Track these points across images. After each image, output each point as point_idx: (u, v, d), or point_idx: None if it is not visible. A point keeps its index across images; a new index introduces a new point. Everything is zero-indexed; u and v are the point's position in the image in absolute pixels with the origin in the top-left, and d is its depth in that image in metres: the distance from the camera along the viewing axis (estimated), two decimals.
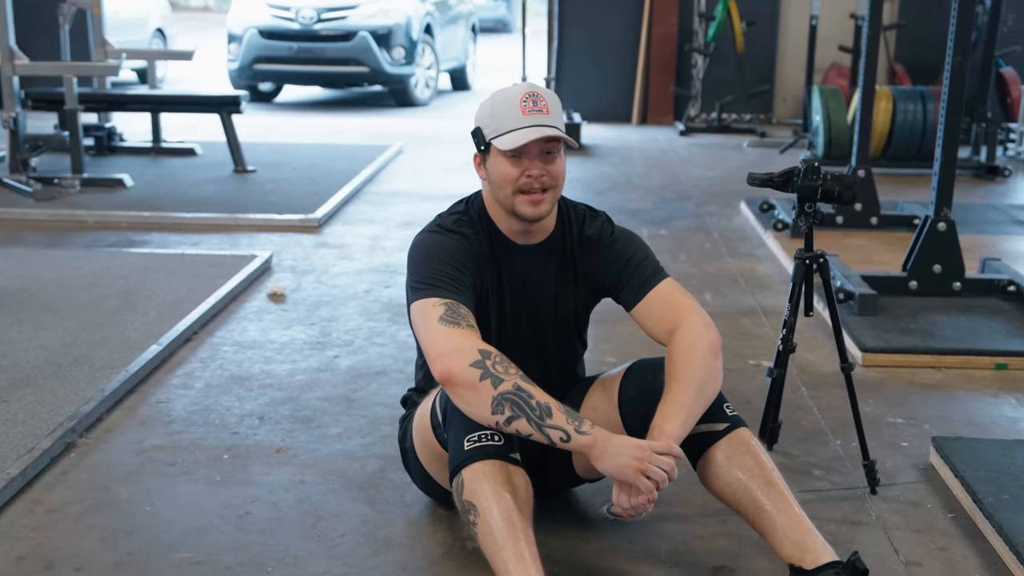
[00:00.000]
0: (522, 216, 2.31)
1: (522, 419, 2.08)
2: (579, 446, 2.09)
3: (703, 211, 6.42)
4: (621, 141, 9.31)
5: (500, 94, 2.30)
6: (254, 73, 11.35)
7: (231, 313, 4.27)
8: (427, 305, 2.21)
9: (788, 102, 10.46)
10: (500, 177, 2.29)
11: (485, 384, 2.09)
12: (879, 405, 3.44)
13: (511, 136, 2.24)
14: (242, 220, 5.80)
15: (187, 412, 3.29)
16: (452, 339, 2.14)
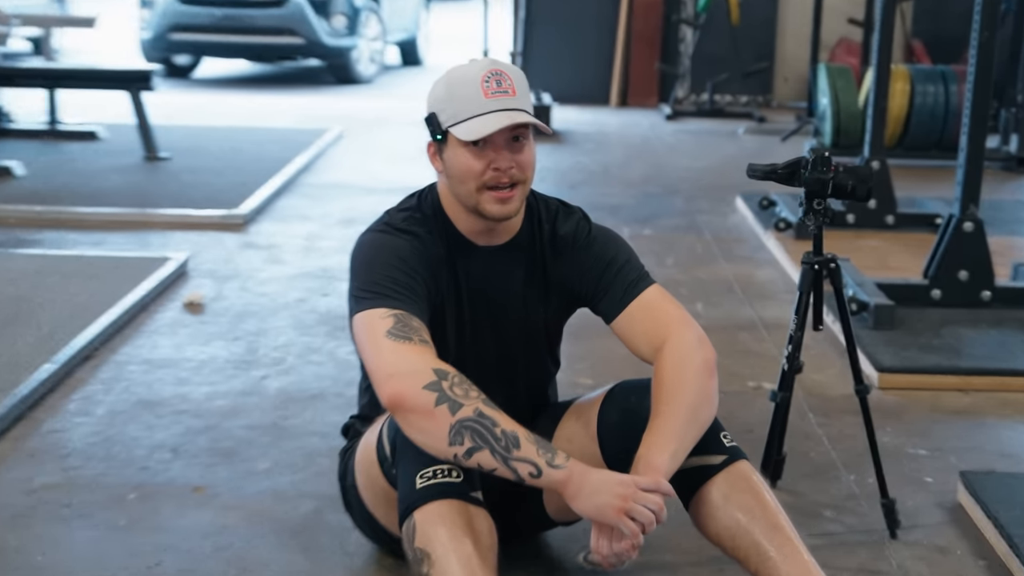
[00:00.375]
0: (488, 215, 2.28)
1: (484, 451, 2.05)
2: (552, 482, 2.07)
3: (693, 208, 6.43)
4: (598, 126, 9.33)
5: (457, 73, 2.27)
6: (169, 44, 11.26)
7: (139, 326, 4.21)
8: (373, 317, 2.17)
9: (790, 82, 10.52)
10: (461, 171, 2.26)
11: (441, 410, 2.05)
12: (898, 434, 3.44)
13: (473, 124, 2.22)
14: (153, 216, 5.73)
15: (86, 444, 3.23)
16: (403, 357, 2.11)
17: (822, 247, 2.77)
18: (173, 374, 3.76)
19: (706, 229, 5.93)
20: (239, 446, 3.24)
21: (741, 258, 5.40)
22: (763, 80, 10.40)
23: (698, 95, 10.34)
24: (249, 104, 10.04)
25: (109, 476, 3.03)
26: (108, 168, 6.85)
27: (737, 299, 4.74)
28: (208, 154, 7.35)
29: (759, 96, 10.42)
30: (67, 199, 5.98)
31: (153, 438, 3.28)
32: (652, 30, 10.27)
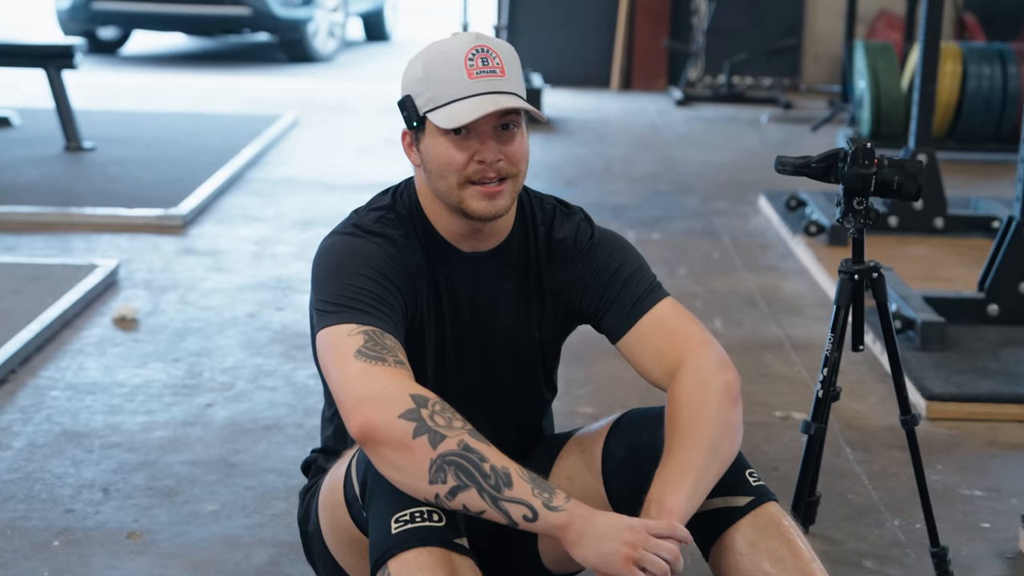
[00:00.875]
0: (472, 214, 2.29)
1: (471, 490, 2.06)
2: (549, 527, 2.08)
3: (709, 208, 6.47)
4: (597, 112, 9.38)
5: (437, 49, 2.28)
6: (92, 14, 11.29)
7: (62, 344, 4.23)
8: (340, 334, 2.19)
9: (821, 62, 10.60)
10: (441, 163, 2.27)
11: (420, 442, 2.07)
12: (950, 472, 3.48)
13: (454, 108, 2.23)
14: (76, 217, 5.75)
15: (2, 482, 3.24)
16: (375, 381, 2.12)
17: (863, 254, 2.81)
18: (103, 401, 3.78)
19: (724, 233, 5.98)
20: (181, 485, 3.26)
21: (765, 267, 5.44)
22: (790, 60, 10.47)
23: (714, 77, 10.40)
24: (188, 86, 10.07)
25: (30, 519, 3.04)
26: (22, 160, 6.87)
27: (761, 315, 4.78)
28: (140, 144, 7.37)
29: (785, 78, 10.48)
30: None
31: (80, 475, 3.29)
32: (660, 1, 10.32)
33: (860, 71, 7.80)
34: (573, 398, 3.90)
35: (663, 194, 6.79)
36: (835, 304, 2.80)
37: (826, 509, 3.20)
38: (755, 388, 4.03)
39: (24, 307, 4.36)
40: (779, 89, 10.25)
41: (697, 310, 4.81)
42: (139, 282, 4.94)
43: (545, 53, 10.31)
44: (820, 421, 2.81)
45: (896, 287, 4.57)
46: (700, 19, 10.31)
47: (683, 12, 10.43)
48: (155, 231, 5.67)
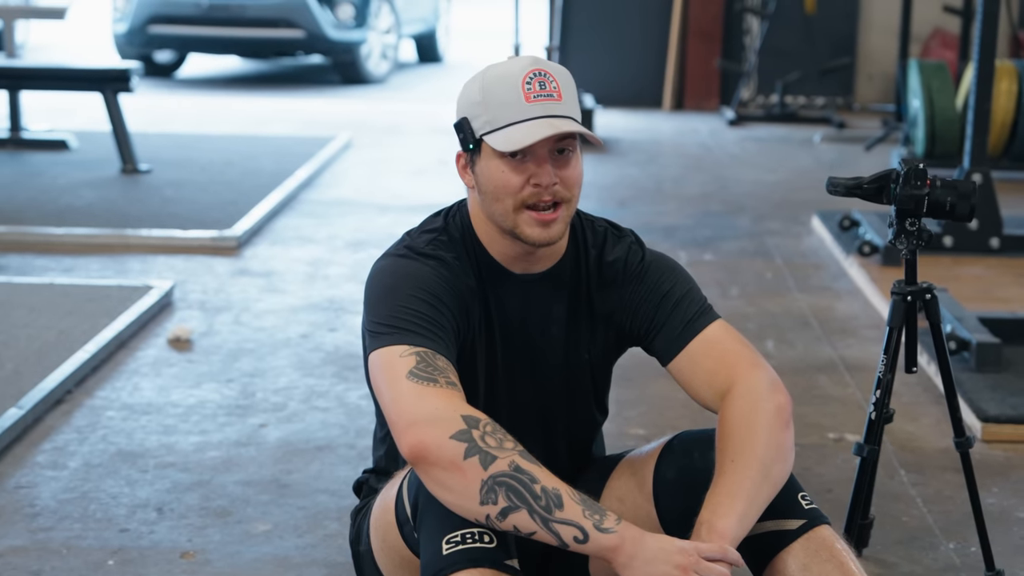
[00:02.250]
0: (526, 240, 2.30)
1: (522, 511, 2.07)
2: (600, 549, 2.08)
3: (761, 228, 6.45)
4: (649, 133, 9.38)
5: (494, 72, 2.30)
6: (148, 38, 11.42)
7: (118, 365, 4.27)
8: (392, 355, 2.20)
9: (875, 81, 10.55)
10: (496, 187, 2.29)
11: (471, 463, 2.08)
12: (1006, 495, 3.45)
13: (512, 131, 2.24)
14: (132, 238, 5.81)
15: (58, 501, 3.28)
16: (427, 402, 2.14)
17: (916, 275, 2.79)
18: (157, 421, 3.82)
19: (777, 253, 5.96)
20: (234, 505, 3.29)
21: (818, 288, 5.42)
22: (843, 79, 10.42)
23: (766, 97, 10.38)
24: (243, 108, 10.16)
25: (85, 539, 3.08)
26: (80, 182, 6.95)
27: (814, 336, 4.76)
28: (195, 166, 7.44)
29: (838, 98, 10.45)
30: (33, 218, 6.07)
31: (135, 495, 3.33)
32: (712, 21, 10.32)
33: (914, 90, 7.75)
34: (624, 419, 3.89)
35: (715, 214, 6.78)
36: (888, 325, 2.79)
37: (880, 532, 3.19)
38: (808, 410, 4.01)
39: (80, 328, 4.42)
40: (832, 109, 10.21)
41: (749, 331, 4.80)
42: (193, 303, 4.99)
43: (597, 74, 10.32)
44: (873, 443, 2.80)
45: (951, 308, 4.53)
46: (753, 39, 10.29)
47: (735, 32, 10.42)
48: (210, 252, 5.73)
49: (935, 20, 10.00)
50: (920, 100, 7.62)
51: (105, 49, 12.16)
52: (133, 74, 7.30)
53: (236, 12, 11.18)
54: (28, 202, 6.46)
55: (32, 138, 7.92)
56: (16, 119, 7.87)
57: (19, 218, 6.08)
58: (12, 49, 8.19)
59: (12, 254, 5.59)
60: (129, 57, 11.57)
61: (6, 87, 7.72)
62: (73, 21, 12.09)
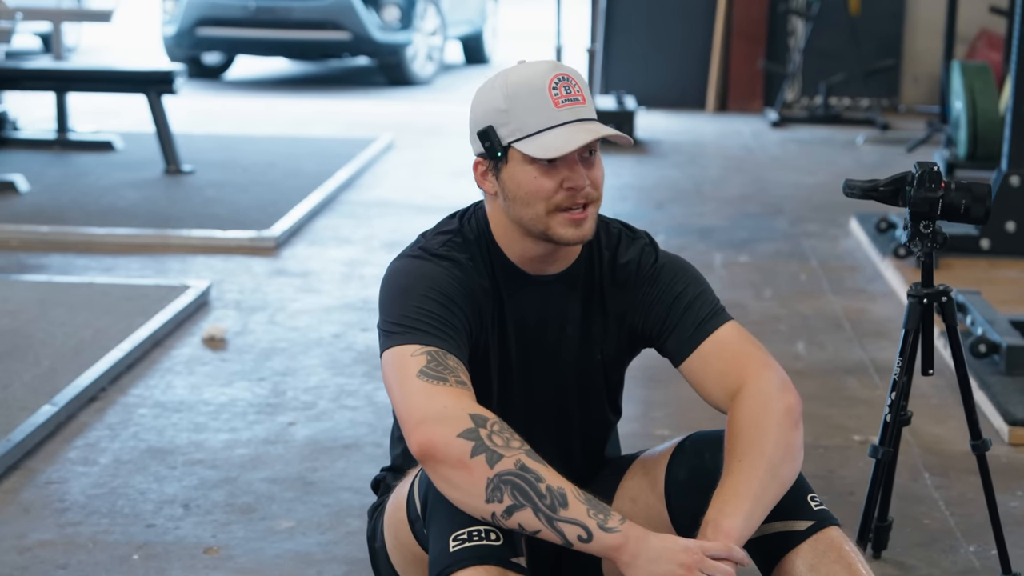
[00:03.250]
0: (560, 240, 2.32)
1: (527, 510, 2.09)
2: (604, 548, 2.10)
3: (798, 230, 6.44)
4: (691, 134, 9.37)
5: (516, 77, 2.31)
6: (197, 40, 11.53)
7: (153, 363, 4.33)
8: (403, 354, 2.23)
9: (921, 82, 10.49)
10: (528, 192, 2.30)
11: (478, 461, 2.10)
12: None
13: (547, 138, 2.26)
14: (173, 238, 5.88)
15: (87, 497, 3.33)
16: (436, 400, 2.16)
17: (932, 277, 2.80)
18: (188, 419, 3.87)
19: (812, 255, 5.94)
20: (259, 502, 3.33)
21: (852, 290, 5.40)
22: (889, 80, 10.37)
23: (810, 98, 10.34)
24: (288, 110, 10.24)
25: (112, 534, 3.13)
26: (123, 183, 7.04)
27: (845, 338, 4.75)
28: (238, 167, 7.52)
29: (883, 99, 10.39)
30: (76, 218, 6.16)
31: (163, 491, 3.38)
32: (756, 22, 10.30)
33: (956, 92, 7.70)
34: (650, 420, 3.90)
35: (753, 216, 6.77)
36: (904, 328, 2.80)
37: (900, 534, 3.18)
38: (834, 411, 4.01)
39: (116, 327, 4.48)
40: (877, 110, 10.15)
41: (780, 333, 4.80)
42: (230, 302, 5.04)
43: (640, 75, 10.33)
44: (888, 445, 2.80)
45: (983, 311, 4.51)
46: (797, 40, 10.25)
47: (780, 33, 10.38)
48: (248, 252, 5.78)
49: (982, 21, 9.92)
50: (962, 102, 7.57)
51: (155, 52, 12.27)
52: (176, 76, 7.37)
53: (283, 14, 11.26)
54: (71, 202, 6.55)
55: (78, 139, 8.02)
56: (63, 120, 7.97)
57: (62, 218, 6.17)
58: (59, 51, 8.30)
59: (54, 253, 5.67)
60: (178, 59, 11.67)
61: (53, 89, 7.83)
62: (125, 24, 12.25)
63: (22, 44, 12.38)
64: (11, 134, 8.00)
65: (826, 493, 3.45)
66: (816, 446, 3.78)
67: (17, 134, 8.05)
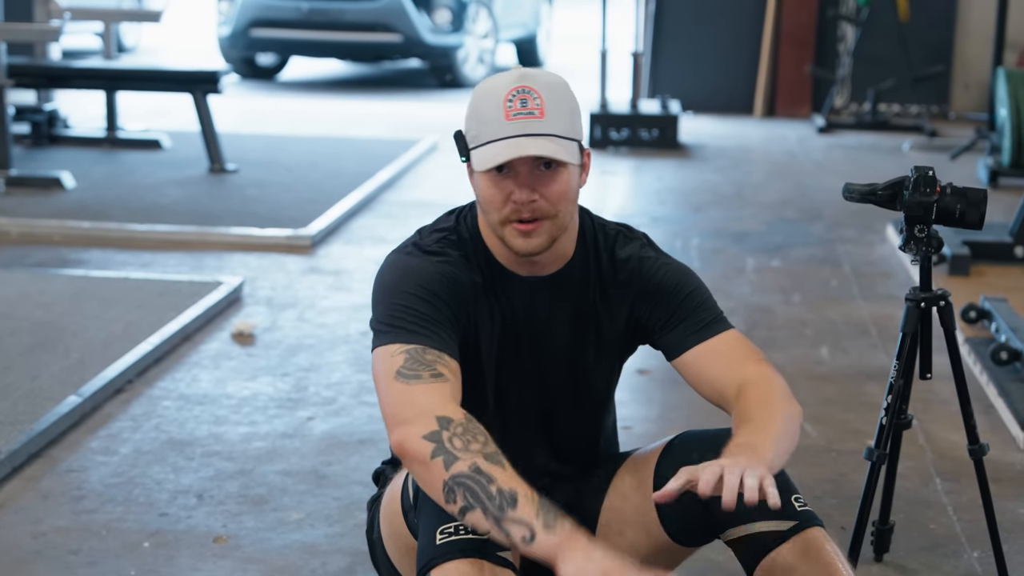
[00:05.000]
0: (513, 249, 2.35)
1: (477, 511, 2.09)
2: (544, 550, 2.06)
3: (834, 236, 6.42)
4: (737, 139, 9.35)
5: (483, 87, 2.34)
6: (251, 41, 11.66)
7: (180, 357, 4.41)
8: (385, 355, 2.27)
9: (971, 89, 10.40)
10: (483, 200, 2.34)
11: (436, 463, 2.12)
12: None
13: (489, 149, 2.28)
14: (211, 235, 5.97)
15: (104, 485, 3.40)
16: (408, 401, 2.20)
17: (931, 281, 2.80)
18: (210, 412, 3.94)
19: (846, 261, 5.93)
20: (271, 493, 3.39)
21: (883, 296, 5.39)
22: (939, 87, 10.29)
23: (859, 104, 10.29)
24: (338, 110, 10.33)
25: (125, 521, 3.20)
26: (167, 181, 7.15)
27: (870, 343, 4.74)
28: (280, 167, 7.60)
29: (933, 106, 10.31)
30: (118, 215, 6.26)
31: (178, 481, 3.44)
32: (805, 27, 10.26)
33: (1001, 99, 7.65)
34: (667, 421, 3.92)
35: (790, 221, 6.76)
36: (901, 331, 2.80)
37: (905, 538, 3.19)
38: (851, 416, 4.01)
39: (147, 321, 4.56)
40: (926, 117, 10.08)
41: (806, 337, 4.80)
42: (261, 299, 5.11)
43: (689, 80, 10.33)
44: (883, 448, 2.81)
45: (1008, 318, 4.49)
46: (846, 46, 10.21)
47: (828, 39, 10.34)
48: (284, 250, 5.86)
49: None
50: (1007, 109, 7.52)
51: (211, 52, 12.41)
52: (221, 76, 7.47)
53: (335, 16, 11.36)
54: (115, 199, 6.66)
55: (127, 137, 8.15)
56: (112, 119, 8.10)
57: (105, 214, 6.27)
58: (110, 51, 8.43)
59: (94, 249, 5.77)
60: (232, 60, 11.83)
61: (102, 88, 7.96)
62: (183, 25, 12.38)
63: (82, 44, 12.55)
64: (62, 132, 8.15)
65: (835, 496, 3.47)
66: (830, 449, 3.80)
67: (68, 132, 8.20)
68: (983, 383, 4.26)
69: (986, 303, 4.65)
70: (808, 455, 3.73)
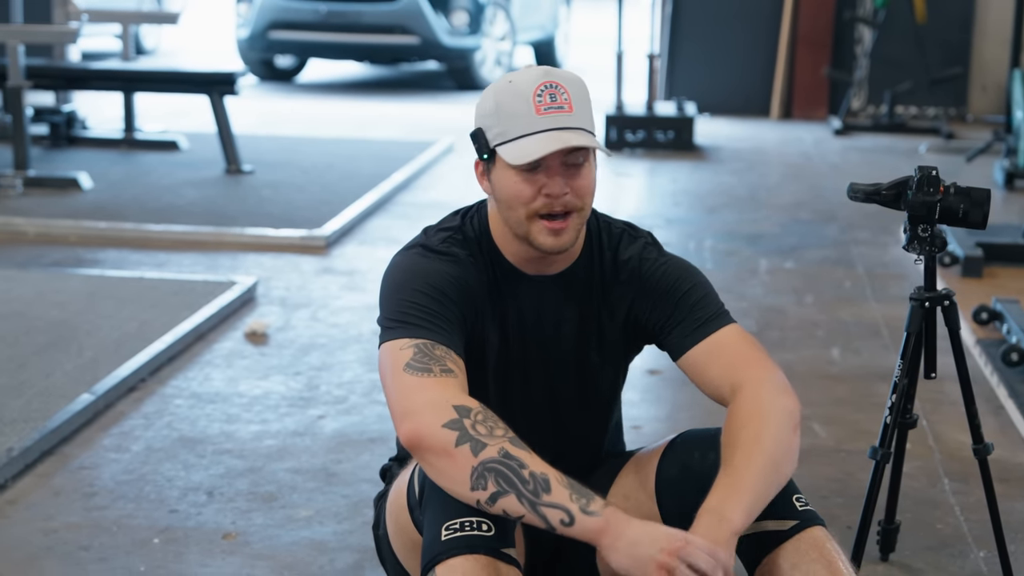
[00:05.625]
0: (539, 247, 2.36)
1: (510, 496, 2.12)
2: (585, 532, 2.11)
3: (848, 238, 6.42)
4: (753, 141, 9.35)
5: (507, 83, 2.35)
6: (269, 43, 11.70)
7: (194, 356, 4.44)
8: (393, 349, 2.29)
9: (989, 92, 10.38)
10: (510, 196, 2.35)
11: (463, 450, 2.14)
12: None
13: (522, 144, 2.30)
14: (226, 236, 6.00)
15: (116, 482, 3.43)
16: (421, 391, 2.21)
17: (935, 281, 2.81)
18: (222, 410, 3.96)
19: (860, 262, 5.93)
20: (281, 491, 3.41)
21: (895, 297, 5.38)
22: (956, 89, 10.27)
23: (876, 107, 10.27)
24: (355, 112, 10.36)
25: (135, 518, 3.23)
26: (184, 182, 7.18)
27: (882, 344, 4.74)
28: (297, 168, 7.63)
29: (950, 108, 10.30)
30: (134, 215, 6.30)
31: (189, 479, 3.47)
32: (822, 29, 10.25)
33: (1017, 101, 7.64)
34: (676, 421, 3.93)
35: (804, 223, 6.76)
36: (906, 331, 2.81)
37: (912, 538, 3.20)
38: (861, 417, 4.02)
39: (161, 320, 4.59)
40: (943, 119, 10.06)
41: (817, 338, 4.81)
42: (275, 299, 5.14)
43: (705, 82, 10.33)
44: (887, 447, 2.81)
45: (1019, 320, 4.49)
46: (863, 48, 10.19)
47: (845, 41, 10.32)
48: (298, 251, 5.88)
49: None
50: (1023, 111, 7.51)
51: (231, 54, 12.46)
52: (238, 77, 7.50)
53: (353, 18, 11.39)
54: (132, 200, 6.70)
55: (144, 138, 8.20)
56: (130, 120, 8.14)
57: (121, 215, 6.31)
58: (128, 52, 8.48)
59: (110, 249, 5.81)
60: (250, 61, 11.88)
61: (120, 89, 8.00)
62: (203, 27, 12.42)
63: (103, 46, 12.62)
64: (80, 133, 8.19)
65: (841, 496, 3.48)
66: (839, 450, 3.80)
67: (86, 133, 8.25)
68: (993, 384, 4.26)
69: (998, 304, 4.65)
70: (817, 455, 3.74)
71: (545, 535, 2.21)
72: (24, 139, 6.85)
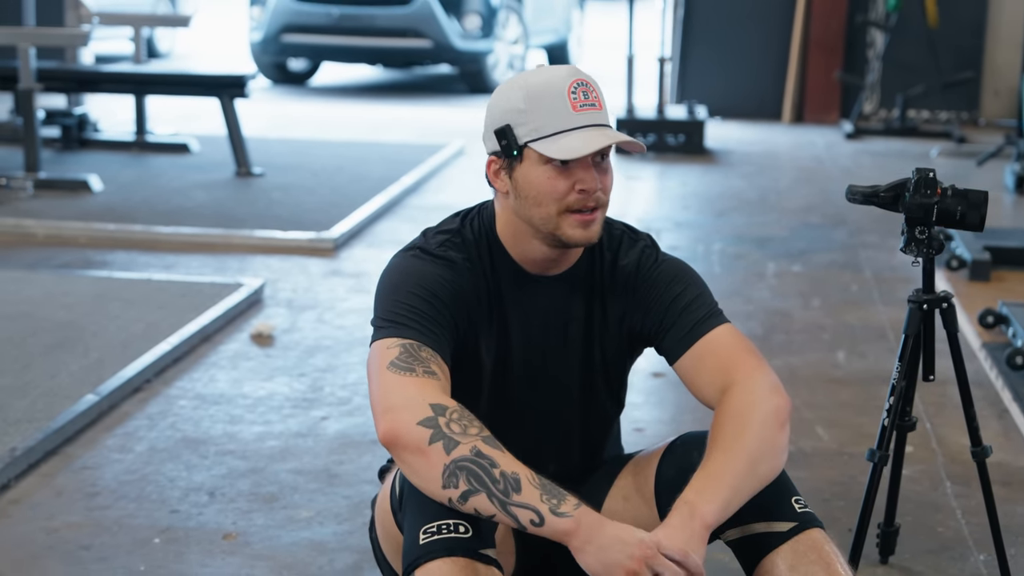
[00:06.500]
0: (568, 241, 2.37)
1: (481, 495, 2.13)
2: (555, 532, 2.12)
3: (857, 241, 6.41)
4: (764, 145, 9.35)
5: (536, 80, 2.36)
6: (282, 46, 11.73)
7: (199, 358, 4.45)
8: (380, 348, 2.31)
9: (1002, 96, 10.36)
10: (541, 192, 2.36)
11: (435, 448, 2.15)
12: None
13: (565, 140, 2.31)
14: (235, 238, 6.02)
15: (118, 482, 3.45)
16: (401, 391, 2.22)
17: (933, 283, 2.81)
18: (225, 411, 3.98)
19: (867, 266, 5.92)
20: (282, 492, 3.42)
21: (902, 301, 5.28)
22: (969, 93, 10.26)
23: (888, 110, 10.26)
24: (366, 115, 10.38)
25: (137, 518, 3.24)
26: (194, 184, 7.21)
27: (887, 348, 4.73)
28: (307, 171, 7.65)
29: (963, 112, 10.28)
30: (144, 217, 6.32)
31: (191, 479, 3.48)
32: (833, 33, 10.24)
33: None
34: (680, 424, 3.93)
35: (813, 227, 6.75)
36: (904, 333, 2.81)
37: (912, 541, 3.19)
38: (864, 420, 4.01)
39: (168, 321, 4.61)
40: (956, 123, 10.05)
41: (823, 342, 4.80)
42: (282, 301, 5.15)
43: (717, 86, 10.34)
44: (885, 449, 2.81)
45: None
46: (875, 52, 10.18)
47: (857, 45, 10.32)
48: (306, 253, 5.90)
49: None
50: None
51: (243, 58, 12.50)
52: (248, 80, 7.52)
53: (365, 22, 11.42)
54: (142, 202, 6.73)
55: (156, 141, 8.23)
56: (141, 123, 8.18)
57: (131, 217, 6.33)
58: (140, 55, 8.51)
59: (119, 250, 5.83)
60: (263, 64, 11.91)
61: (131, 92, 8.03)
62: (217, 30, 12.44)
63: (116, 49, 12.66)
64: (91, 135, 8.23)
65: (843, 499, 3.47)
66: (842, 453, 3.80)
67: (97, 136, 8.28)
68: (998, 388, 4.25)
69: (1004, 308, 4.64)
70: (819, 458, 3.74)
71: (535, 539, 2.22)
72: (35, 141, 6.88)
